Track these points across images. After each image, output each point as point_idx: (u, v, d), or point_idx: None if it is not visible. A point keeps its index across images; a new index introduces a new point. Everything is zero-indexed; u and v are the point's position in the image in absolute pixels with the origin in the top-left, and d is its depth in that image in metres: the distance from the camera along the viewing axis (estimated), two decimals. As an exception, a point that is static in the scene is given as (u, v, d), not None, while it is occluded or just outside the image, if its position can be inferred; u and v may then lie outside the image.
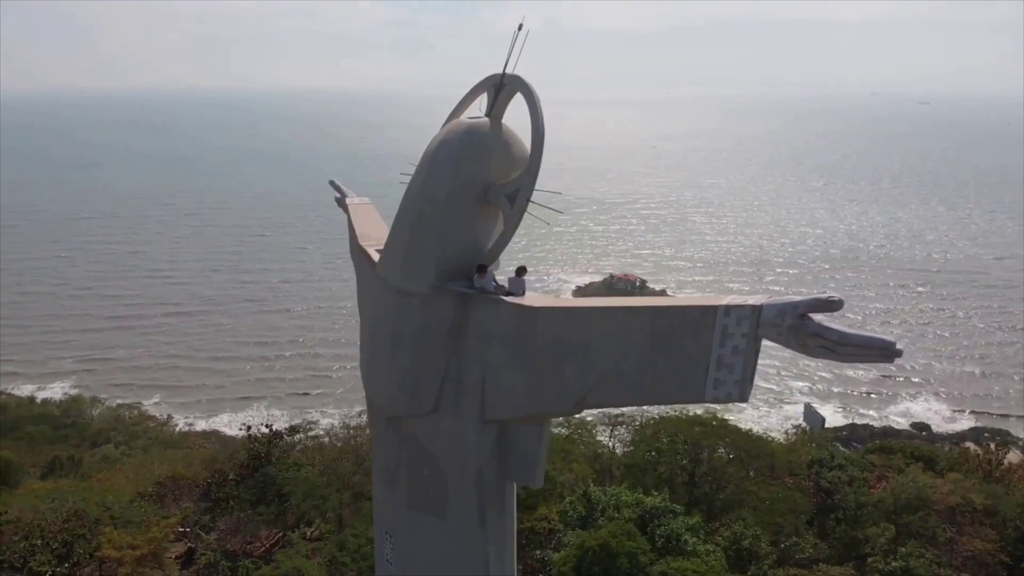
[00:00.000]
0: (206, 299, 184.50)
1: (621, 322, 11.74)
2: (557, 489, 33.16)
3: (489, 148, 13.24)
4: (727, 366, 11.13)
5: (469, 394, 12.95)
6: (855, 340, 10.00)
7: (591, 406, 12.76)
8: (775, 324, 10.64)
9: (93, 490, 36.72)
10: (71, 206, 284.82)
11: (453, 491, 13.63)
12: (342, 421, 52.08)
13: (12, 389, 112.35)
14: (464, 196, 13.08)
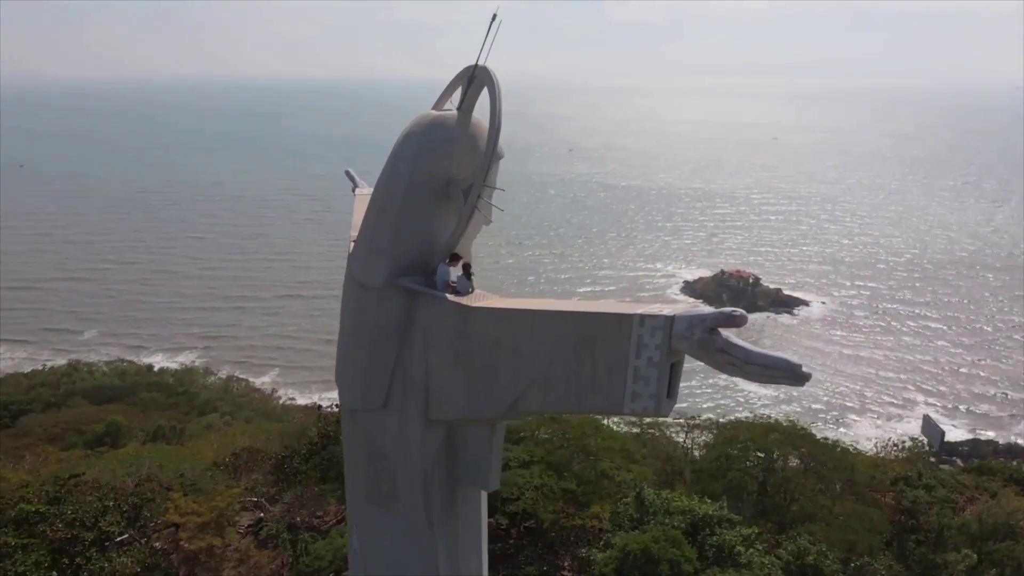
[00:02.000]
0: (322, 283, 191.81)
1: (548, 328, 11.47)
2: (613, 489, 32.39)
3: (452, 142, 12.90)
4: (643, 378, 10.74)
5: (414, 392, 12.81)
6: (759, 359, 9.60)
7: (522, 412, 12.46)
8: (686, 337, 10.28)
9: (172, 457, 38.81)
10: (203, 189, 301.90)
11: (402, 488, 13.54)
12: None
13: (136, 359, 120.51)
14: (423, 190, 12.87)
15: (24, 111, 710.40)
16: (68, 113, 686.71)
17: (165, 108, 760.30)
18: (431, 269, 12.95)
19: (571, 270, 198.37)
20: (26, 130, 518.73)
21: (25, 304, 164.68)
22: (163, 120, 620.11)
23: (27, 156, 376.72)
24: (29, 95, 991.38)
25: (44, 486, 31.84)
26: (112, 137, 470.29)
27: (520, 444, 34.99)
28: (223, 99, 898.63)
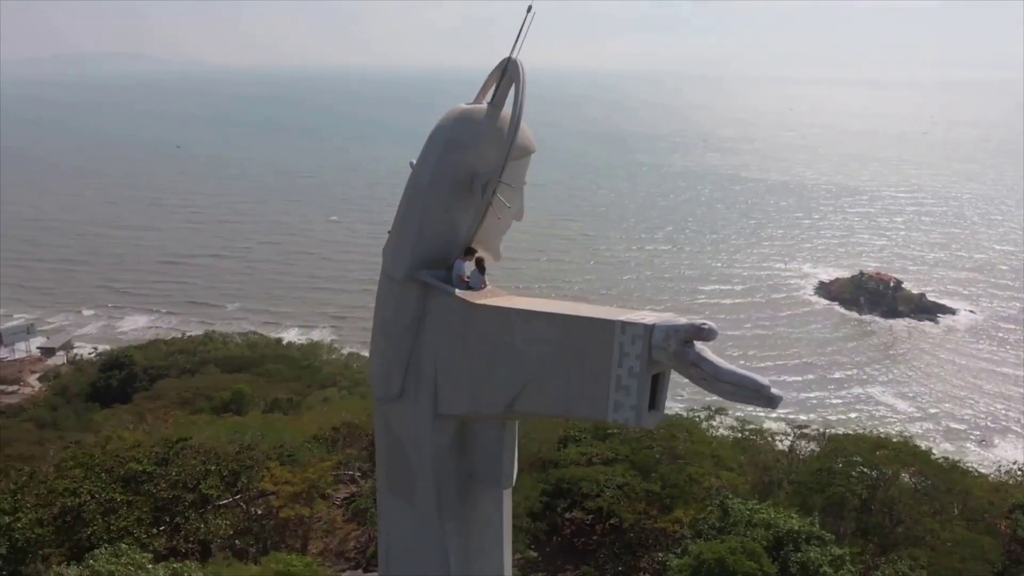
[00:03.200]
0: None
1: (541, 329, 11.22)
2: (701, 494, 31.19)
3: (479, 136, 12.59)
4: (624, 388, 10.34)
5: (425, 385, 12.73)
6: (728, 377, 9.36)
7: (520, 413, 12.22)
8: (663, 348, 9.91)
9: (277, 427, 40.71)
10: (342, 174, 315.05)
11: (416, 480, 13.48)
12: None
13: (268, 333, 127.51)
14: (447, 184, 12.67)
15: (184, 96, 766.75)
16: (225, 99, 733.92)
17: (319, 95, 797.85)
18: (451, 263, 12.86)
19: (697, 267, 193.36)
20: (185, 114, 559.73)
21: (173, 278, 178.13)
22: (316, 106, 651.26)
23: (184, 138, 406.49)
24: (188, 81, 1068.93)
25: (154, 447, 34.14)
26: (264, 122, 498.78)
27: (606, 441, 34.35)
28: (380, 87, 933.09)
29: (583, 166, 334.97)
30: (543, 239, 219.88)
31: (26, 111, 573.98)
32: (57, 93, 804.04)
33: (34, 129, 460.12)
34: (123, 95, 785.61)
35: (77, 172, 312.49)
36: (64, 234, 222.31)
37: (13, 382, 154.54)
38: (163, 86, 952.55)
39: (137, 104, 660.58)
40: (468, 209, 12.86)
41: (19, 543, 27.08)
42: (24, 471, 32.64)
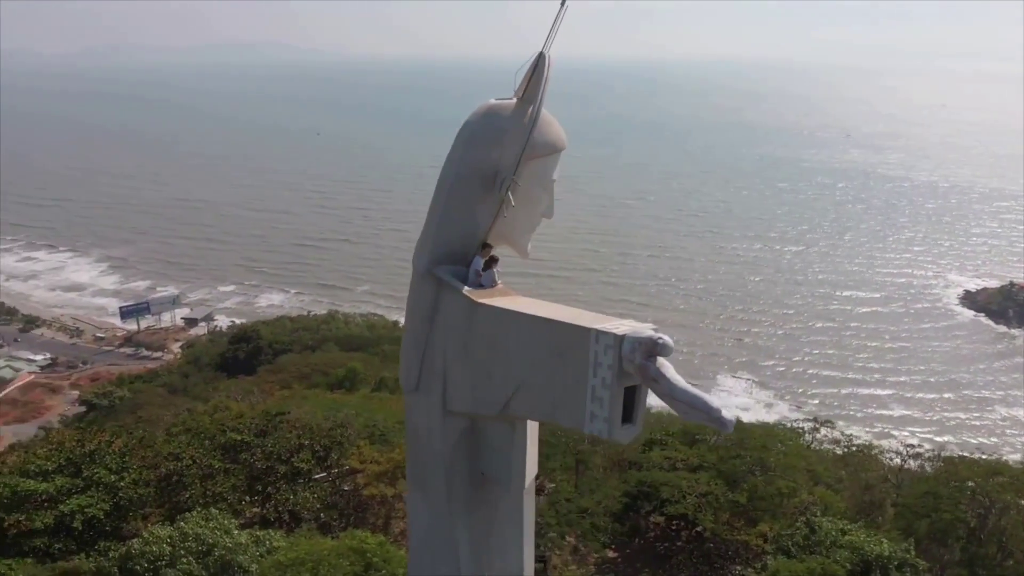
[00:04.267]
0: (554, 264, 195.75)
1: (530, 332, 10.84)
2: (790, 509, 29.52)
3: (503, 132, 12.18)
4: (598, 399, 9.84)
5: (436, 381, 12.54)
6: (681, 396, 8.99)
7: (514, 414, 11.77)
8: (630, 360, 9.39)
9: (371, 407, 41.83)
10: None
11: (428, 474, 13.32)
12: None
13: (389, 316, 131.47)
14: (470, 179, 12.38)
15: (327, 85, 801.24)
16: (369, 89, 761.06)
17: (462, 85, 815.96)
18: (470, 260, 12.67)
19: (831, 270, 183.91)
20: (327, 102, 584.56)
21: (306, 259, 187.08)
22: (456, 96, 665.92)
23: (325, 126, 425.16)
24: (332, 71, 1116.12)
25: (255, 419, 35.87)
26: (404, 112, 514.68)
27: (693, 446, 33.18)
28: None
29: (712, 159, 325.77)
30: (664, 235, 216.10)
31: (179, 99, 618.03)
32: (208, 83, 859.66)
33: (184, 115, 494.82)
34: (268, 84, 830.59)
35: (220, 157, 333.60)
36: (208, 214, 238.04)
37: (158, 349, 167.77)
38: (307, 75, 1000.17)
39: (281, 93, 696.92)
40: (491, 205, 12.61)
41: (122, 501, 29.11)
42: (135, 434, 35.04)
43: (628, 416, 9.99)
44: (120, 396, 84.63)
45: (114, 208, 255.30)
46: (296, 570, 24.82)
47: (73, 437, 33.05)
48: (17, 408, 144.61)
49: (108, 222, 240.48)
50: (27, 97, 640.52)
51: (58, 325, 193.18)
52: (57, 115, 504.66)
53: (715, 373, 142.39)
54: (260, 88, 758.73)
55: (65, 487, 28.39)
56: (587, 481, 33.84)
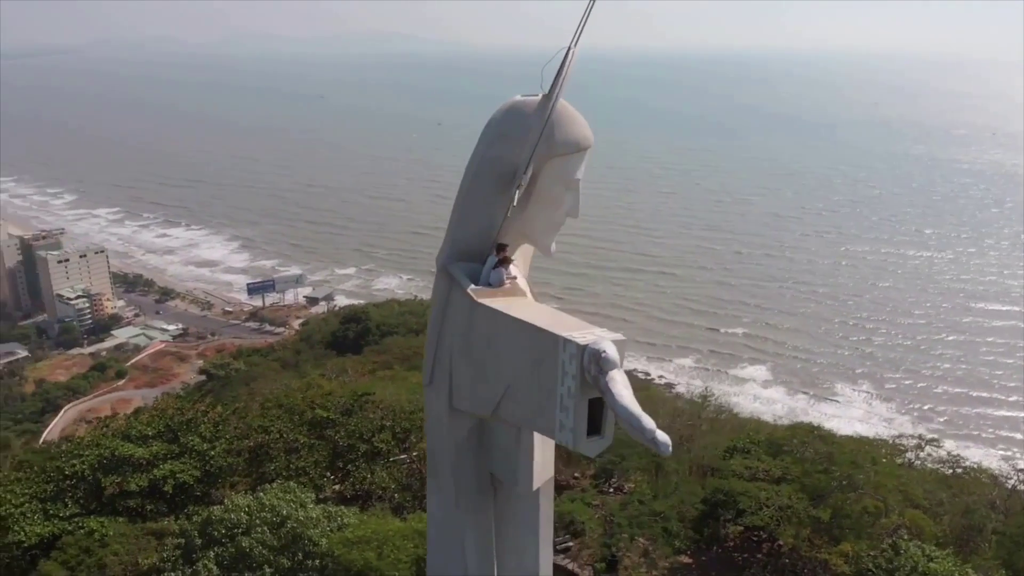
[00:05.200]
0: (667, 261, 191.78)
1: (515, 335, 10.57)
2: (877, 531, 27.70)
3: (525, 129, 11.80)
4: (565, 409, 9.49)
5: (444, 377, 12.40)
6: (620, 412, 8.73)
7: (503, 418, 11.41)
8: (589, 371, 9.12)
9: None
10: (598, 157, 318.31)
11: (439, 468, 13.22)
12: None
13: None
14: (489, 176, 12.12)
15: (451, 76, 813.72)
16: (490, 78, 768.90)
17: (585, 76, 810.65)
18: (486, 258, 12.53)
19: (965, 279, 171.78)
20: (452, 93, 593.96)
21: (420, 247, 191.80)
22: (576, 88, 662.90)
23: (446, 116, 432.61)
24: (456, 61, 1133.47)
25: (343, 398, 37.02)
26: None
27: (777, 457, 31.70)
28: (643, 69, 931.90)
29: (842, 154, 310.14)
30: (784, 234, 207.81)
31: (305, 89, 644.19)
32: (339, 73, 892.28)
33: (309, 105, 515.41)
34: (398, 74, 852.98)
35: (340, 144, 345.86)
36: (331, 200, 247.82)
37: (280, 324, 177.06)
38: (440, 66, 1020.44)
39: (410, 83, 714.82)
40: (508, 204, 12.39)
41: (212, 469, 30.73)
42: (230, 406, 36.91)
43: (597, 428, 9.60)
44: (236, 368, 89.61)
45: (243, 191, 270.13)
46: (361, 548, 25.44)
47: (174, 405, 35.17)
48: (148, 374, 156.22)
49: (238, 204, 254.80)
50: (169, 85, 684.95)
51: (191, 298, 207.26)
52: (194, 102, 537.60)
53: (833, 382, 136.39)
54: (388, 79, 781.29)
55: (161, 452, 30.20)
56: (664, 485, 33.00)
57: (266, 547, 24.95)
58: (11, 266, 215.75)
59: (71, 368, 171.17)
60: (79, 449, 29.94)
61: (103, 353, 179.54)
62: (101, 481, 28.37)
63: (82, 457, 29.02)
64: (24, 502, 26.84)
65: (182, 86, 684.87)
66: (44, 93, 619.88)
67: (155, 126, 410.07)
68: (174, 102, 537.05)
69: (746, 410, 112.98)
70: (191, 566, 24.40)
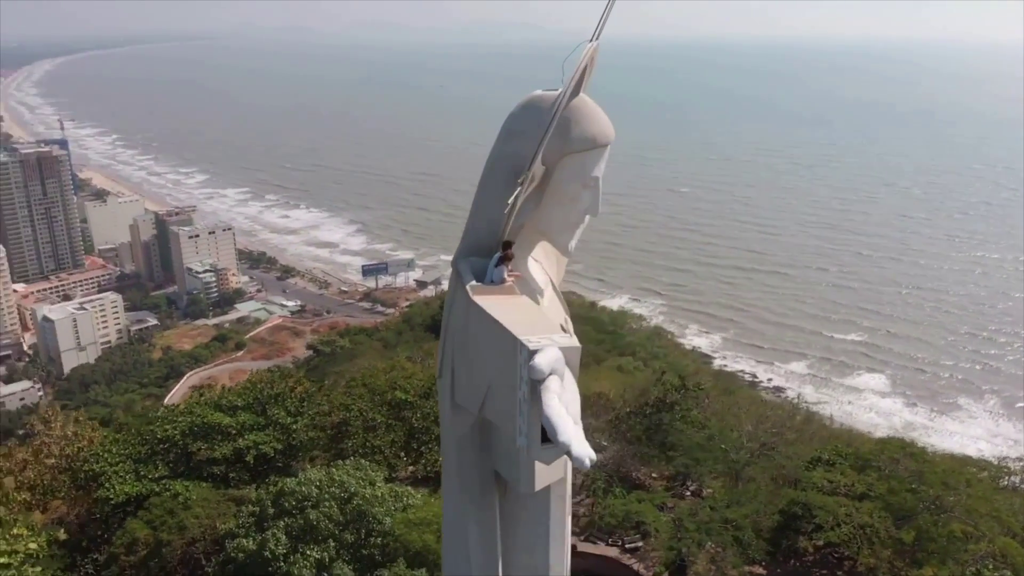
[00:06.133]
0: (781, 261, 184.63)
1: (493, 333, 10.09)
2: (966, 559, 25.73)
3: (541, 125, 11.41)
4: (523, 413, 8.97)
5: (448, 372, 12.20)
6: (545, 421, 8.16)
7: (488, 416, 11.04)
8: (536, 379, 8.57)
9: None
10: (693, 148, 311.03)
11: (446, 460, 13.09)
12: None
13: (601, 300, 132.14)
14: (502, 172, 11.77)
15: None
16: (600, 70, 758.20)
17: (688, 65, 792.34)
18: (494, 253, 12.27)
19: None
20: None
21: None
22: (674, 79, 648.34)
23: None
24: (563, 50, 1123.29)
25: (422, 381, 37.75)
26: (630, 96, 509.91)
27: (862, 472, 30.04)
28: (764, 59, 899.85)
29: (981, 154, 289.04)
30: (911, 236, 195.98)
31: (427, 79, 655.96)
32: (456, 63, 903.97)
33: (428, 95, 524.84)
34: (511, 63, 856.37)
35: (455, 133, 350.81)
36: (442, 188, 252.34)
37: (391, 305, 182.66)
38: (549, 56, 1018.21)
39: (522, 73, 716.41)
40: (527, 199, 12.11)
41: (294, 442, 32.06)
42: (317, 382, 38.38)
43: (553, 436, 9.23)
44: (341, 345, 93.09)
45: (361, 177, 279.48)
46: (421, 530, 25.97)
47: (265, 379, 36.86)
48: (264, 346, 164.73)
49: (356, 189, 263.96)
50: (297, 74, 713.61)
51: (309, 276, 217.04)
52: (319, 91, 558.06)
53: (956, 397, 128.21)
54: (505, 69, 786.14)
55: (248, 423, 31.73)
56: (742, 492, 31.87)
57: (332, 521, 25.85)
58: (146, 239, 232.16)
59: (196, 337, 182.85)
60: (173, 415, 31.86)
61: (226, 325, 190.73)
62: (190, 447, 30.09)
63: (175, 423, 30.85)
64: (119, 462, 28.82)
65: (309, 76, 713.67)
66: (179, 79, 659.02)
67: (281, 113, 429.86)
68: (300, 91, 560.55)
69: (860, 421, 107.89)
70: (262, 534, 25.62)
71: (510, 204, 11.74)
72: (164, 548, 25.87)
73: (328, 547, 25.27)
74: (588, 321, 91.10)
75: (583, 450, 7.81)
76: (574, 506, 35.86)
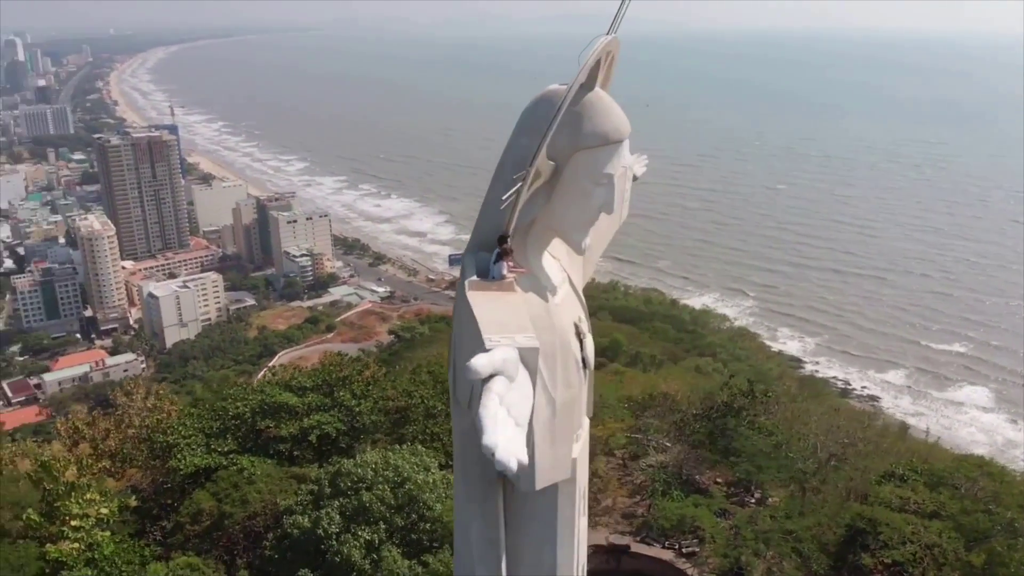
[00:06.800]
0: (881, 265, 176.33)
1: (473, 330, 9.61)
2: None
3: (548, 120, 11.10)
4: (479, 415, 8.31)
5: (451, 367, 12.11)
6: (476, 421, 7.57)
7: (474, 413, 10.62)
8: (470, 377, 8.08)
9: (606, 380, 41.91)
10: (795, 142, 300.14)
11: (454, 454, 13.01)
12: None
13: (684, 298, 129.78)
14: (511, 166, 11.51)
15: (683, 56, 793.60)
16: (709, 58, 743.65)
17: (810, 55, 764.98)
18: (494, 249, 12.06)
19: None
20: (676, 72, 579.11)
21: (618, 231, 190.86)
22: (787, 66, 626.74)
23: (658, 96, 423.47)
24: (692, 42, 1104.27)
25: (484, 372, 38.08)
26: (735, 84, 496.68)
27: (935, 489, 28.55)
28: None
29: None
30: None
31: (531, 67, 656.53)
32: (560, 50, 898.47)
33: (529, 84, 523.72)
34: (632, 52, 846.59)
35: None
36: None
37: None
38: (648, 45, 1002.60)
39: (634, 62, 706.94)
40: (537, 194, 11.92)
41: (357, 424, 32.91)
42: (381, 368, 39.22)
43: None
44: (420, 332, 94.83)
45: (451, 168, 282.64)
46: (470, 518, 26.22)
47: (335, 362, 37.97)
48: (353, 330, 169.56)
49: (445, 180, 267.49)
50: (398, 64, 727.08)
51: (399, 264, 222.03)
52: (417, 81, 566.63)
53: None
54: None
55: (314, 404, 32.78)
56: (806, 503, 30.80)
57: (384, 504, 26.41)
58: (247, 223, 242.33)
59: (290, 318, 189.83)
60: (245, 393, 33.23)
61: (319, 307, 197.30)
62: (258, 424, 31.33)
63: (246, 400, 32.19)
64: (192, 434, 30.31)
65: (411, 66, 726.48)
66: (283, 68, 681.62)
67: (379, 104, 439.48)
68: (399, 81, 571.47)
69: (959, 437, 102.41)
70: (317, 512, 26.46)
71: (504, 200, 11.64)
72: (226, 520, 27.05)
73: (379, 529, 25.86)
74: (667, 319, 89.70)
75: (505, 455, 7.45)
76: (632, 506, 35.66)
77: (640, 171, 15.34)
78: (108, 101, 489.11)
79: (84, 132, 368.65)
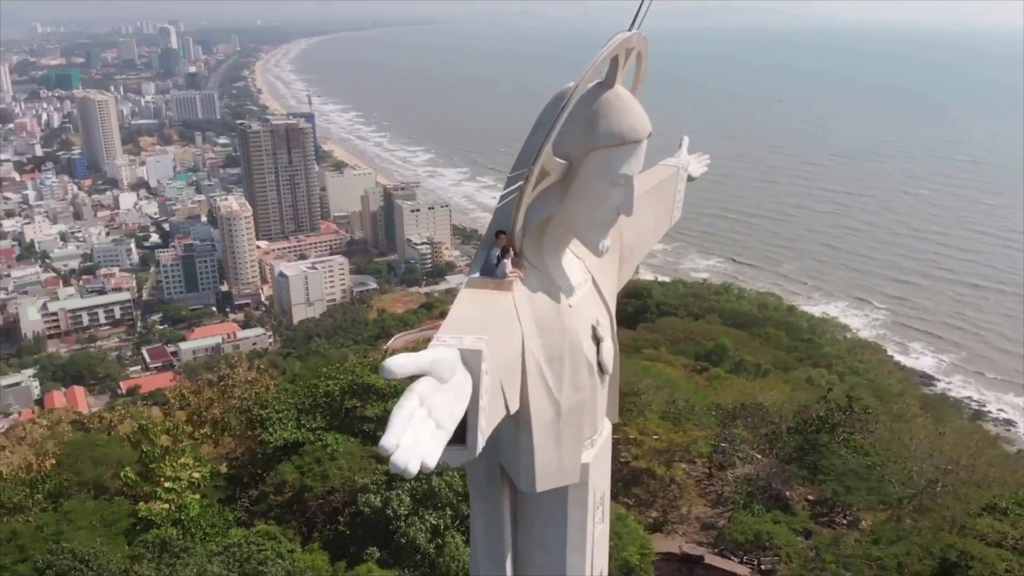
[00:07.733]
0: (1016, 274, 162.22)
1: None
2: None
3: (571, 118, 10.72)
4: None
5: None
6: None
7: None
8: (386, 377, 7.32)
9: (700, 385, 40.84)
10: (938, 145, 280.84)
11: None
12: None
13: (803, 305, 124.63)
14: (525, 164, 11.29)
15: (809, 51, 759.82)
16: (842, 55, 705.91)
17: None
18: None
19: None
20: (788, 68, 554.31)
21: (725, 229, 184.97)
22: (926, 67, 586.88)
23: (791, 93, 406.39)
24: (815, 36, 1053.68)
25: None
26: (865, 84, 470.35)
27: (1002, 518, 26.48)
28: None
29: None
30: None
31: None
32: (689, 48, 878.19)
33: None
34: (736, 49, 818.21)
35: (683, 116, 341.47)
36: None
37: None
38: (776, 41, 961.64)
39: (745, 58, 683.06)
40: (551, 193, 11.71)
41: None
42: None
43: (461, 437, 8.70)
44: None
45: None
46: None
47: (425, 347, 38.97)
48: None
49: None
50: (521, 58, 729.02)
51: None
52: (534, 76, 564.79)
53: None
54: (729, 54, 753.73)
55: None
56: (894, 530, 29.06)
57: (452, 490, 27.05)
58: (374, 210, 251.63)
59: (407, 303, 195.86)
60: (336, 373, 34.67)
61: (435, 294, 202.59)
62: (346, 403, 32.66)
63: (337, 380, 33.59)
64: (284, 409, 31.96)
65: (533, 60, 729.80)
66: (413, 60, 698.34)
67: (501, 97, 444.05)
68: (519, 75, 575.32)
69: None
70: (389, 492, 27.38)
71: (504, 198, 11.56)
72: (307, 493, 28.42)
73: (445, 515, 26.51)
74: (781, 326, 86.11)
75: (403, 457, 7.29)
76: (713, 516, 34.79)
77: (698, 172, 14.87)
78: (253, 89, 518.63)
79: (229, 117, 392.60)
